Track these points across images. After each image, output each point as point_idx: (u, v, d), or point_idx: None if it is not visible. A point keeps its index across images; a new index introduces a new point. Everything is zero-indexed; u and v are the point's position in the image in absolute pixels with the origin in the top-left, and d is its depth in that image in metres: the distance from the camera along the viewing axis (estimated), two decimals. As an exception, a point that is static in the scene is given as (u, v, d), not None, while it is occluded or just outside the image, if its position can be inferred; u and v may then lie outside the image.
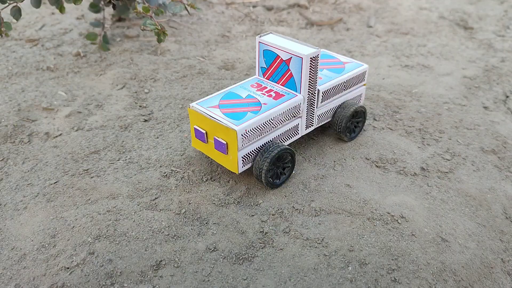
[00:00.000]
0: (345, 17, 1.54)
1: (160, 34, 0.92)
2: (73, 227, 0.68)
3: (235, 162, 0.72)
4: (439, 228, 0.70)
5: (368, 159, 0.84)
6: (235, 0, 1.68)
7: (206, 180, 0.78)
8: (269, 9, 1.61)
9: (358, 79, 0.87)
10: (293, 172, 0.80)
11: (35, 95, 1.05)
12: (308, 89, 0.77)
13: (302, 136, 0.90)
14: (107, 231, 0.67)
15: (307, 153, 0.85)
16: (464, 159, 0.86)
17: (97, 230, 0.67)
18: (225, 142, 0.71)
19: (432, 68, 1.20)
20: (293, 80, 0.77)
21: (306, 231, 0.68)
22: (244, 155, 0.72)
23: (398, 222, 0.70)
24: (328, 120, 0.86)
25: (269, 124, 0.73)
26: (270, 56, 0.79)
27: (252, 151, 0.73)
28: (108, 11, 1.47)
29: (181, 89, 1.07)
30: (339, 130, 0.85)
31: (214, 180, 0.78)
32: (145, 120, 0.95)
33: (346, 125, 0.84)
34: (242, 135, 0.70)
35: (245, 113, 0.73)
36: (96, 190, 0.75)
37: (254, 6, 1.63)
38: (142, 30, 0.92)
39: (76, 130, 0.92)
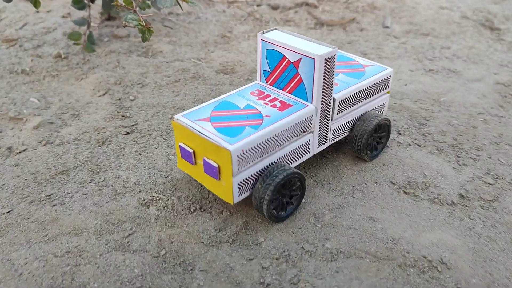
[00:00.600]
0: (358, 16, 1.39)
1: (145, 32, 0.78)
2: (21, 274, 0.53)
3: (229, 190, 0.57)
4: (490, 278, 0.55)
5: (394, 184, 0.69)
6: (237, -2, 1.54)
7: (195, 210, 0.63)
8: (275, 8, 1.46)
9: (381, 86, 0.72)
10: (303, 200, 0.65)
11: (2, 102, 0.90)
12: (322, 97, 0.62)
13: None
14: (62, 281, 0.52)
15: (320, 176, 0.70)
16: (509, 183, 0.70)
17: (50, 280, 0.52)
18: (217, 165, 0.56)
19: (460, 73, 1.04)
20: (303, 87, 0.62)
21: (320, 282, 0.53)
22: (240, 181, 0.57)
23: (438, 270, 0.55)
24: (345, 135, 0.71)
25: (272, 142, 0.58)
26: (275, 57, 0.64)
27: (251, 175, 0.58)
28: (96, 8, 1.33)
29: (172, 96, 0.92)
30: (359, 147, 0.70)
31: (204, 210, 0.63)
32: (127, 133, 0.81)
33: (367, 141, 0.69)
34: (238, 156, 0.55)
35: (242, 128, 0.58)
36: (57, 223, 0.61)
37: (258, 5, 1.49)
38: (123, 26, 0.78)
39: (44, 145, 0.77)
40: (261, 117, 0.60)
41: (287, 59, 0.63)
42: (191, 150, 0.59)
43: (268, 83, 0.67)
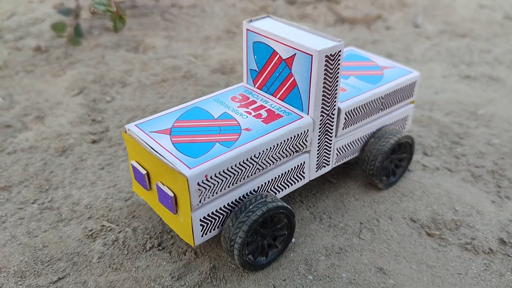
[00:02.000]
0: (384, 13, 1.23)
1: (116, 19, 0.64)
2: None
3: (189, 229, 0.42)
4: None
5: (414, 221, 0.53)
6: (251, -9, 1.39)
7: (151, 248, 0.48)
8: (292, 2, 1.31)
9: (403, 94, 0.56)
10: (292, 241, 0.50)
11: (-39, 99, 0.78)
12: (322, 107, 0.47)
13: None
14: None
15: (319, 207, 0.55)
16: None
17: None
18: (172, 194, 0.41)
19: (503, 81, 0.87)
20: (297, 92, 0.47)
21: None
22: (204, 217, 0.42)
23: None
24: (354, 156, 0.55)
25: (251, 165, 0.43)
26: (264, 53, 0.49)
27: (220, 209, 0.43)
28: (91, -2, 1.20)
29: (156, 98, 0.78)
30: (371, 171, 0.54)
31: (164, 248, 0.49)
32: (94, 141, 0.67)
33: (382, 164, 0.54)
34: (199, 184, 0.40)
35: (210, 145, 0.43)
36: (-28, 258, 0.47)
37: (274, 0, 1.34)
38: (91, 12, 0.64)
39: (-7, 152, 0.64)
40: (239, 131, 0.45)
41: (278, 55, 0.48)
42: (144, 172, 0.45)
43: (256, 86, 0.52)
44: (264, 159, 0.45)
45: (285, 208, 0.45)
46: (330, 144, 0.51)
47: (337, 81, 0.46)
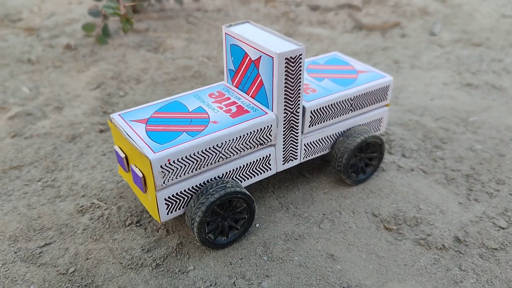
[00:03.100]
0: (404, 21, 1.25)
1: (123, 21, 0.71)
2: None
3: (155, 206, 0.48)
4: None
5: (375, 216, 0.57)
6: (277, -3, 1.45)
7: (130, 224, 0.55)
8: (315, 8, 1.36)
9: (375, 97, 0.60)
10: (257, 225, 0.55)
11: (-6, 89, 0.87)
12: (285, 105, 0.52)
13: (287, 171, 0.64)
14: None
15: (289, 198, 0.59)
16: (529, 229, 0.56)
17: None
18: (142, 175, 0.48)
19: (505, 90, 0.88)
20: (264, 91, 0.52)
21: (234, 332, 0.43)
22: (169, 197, 0.48)
23: (392, 335, 0.43)
24: (325, 152, 0.60)
25: (214, 153, 0.49)
26: (238, 54, 0.55)
27: (185, 191, 0.49)
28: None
29: (164, 94, 0.85)
30: (339, 168, 0.58)
31: (141, 225, 0.55)
32: (101, 131, 0.74)
33: (348, 161, 0.58)
34: (162, 166, 0.46)
35: (177, 134, 0.49)
36: (-22, 223, 0.55)
37: (297, 5, 1.39)
38: (103, 15, 0.71)
39: (13, 137, 0.73)
40: (207, 123, 0.51)
41: (248, 57, 0.53)
42: (123, 155, 0.51)
43: (234, 84, 0.58)
44: (227, 149, 0.50)
45: (243, 194, 0.50)
46: (297, 140, 0.55)
47: (299, 81, 0.51)
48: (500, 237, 0.54)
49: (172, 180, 0.48)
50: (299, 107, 0.53)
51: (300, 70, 0.51)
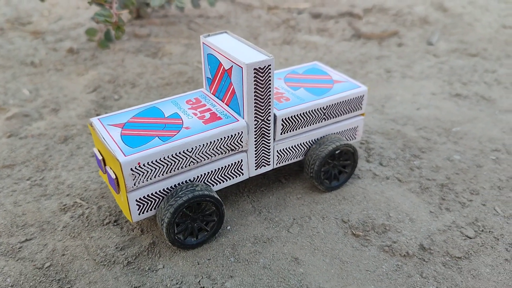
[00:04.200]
0: (403, 30, 1.26)
1: (115, 29, 0.74)
2: None
3: (127, 206, 0.51)
4: None
5: (344, 222, 0.58)
6: (280, 4, 1.47)
7: (107, 223, 0.57)
8: (316, 16, 1.38)
9: (349, 106, 0.62)
10: (228, 228, 0.57)
11: (-4, 91, 0.91)
12: (256, 113, 0.54)
13: (264, 176, 0.67)
14: None
15: (262, 202, 0.61)
16: (496, 239, 0.57)
17: None
18: (115, 176, 0.50)
19: (493, 101, 0.89)
20: (236, 99, 0.55)
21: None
22: (140, 198, 0.51)
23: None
24: (299, 159, 0.62)
25: (184, 158, 0.51)
26: (214, 63, 0.57)
27: (156, 193, 0.52)
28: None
29: (157, 99, 0.88)
30: (311, 174, 0.60)
31: (118, 224, 0.57)
32: (93, 133, 0.77)
33: (320, 168, 0.60)
34: (132, 169, 0.48)
35: (150, 138, 0.51)
36: (-35, 218, 0.58)
37: (299, 13, 1.41)
38: (96, 22, 0.75)
39: (9, 137, 0.76)
40: (179, 129, 0.53)
41: (222, 66, 0.55)
42: (100, 157, 0.54)
43: (211, 92, 0.60)
44: (198, 154, 0.52)
45: (211, 197, 0.52)
46: (269, 146, 0.57)
47: (269, 90, 0.53)
48: (465, 247, 0.56)
49: (143, 182, 0.50)
50: (270, 115, 0.55)
51: (270, 80, 0.53)
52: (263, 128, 0.56)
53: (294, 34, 1.23)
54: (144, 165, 0.49)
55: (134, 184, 0.49)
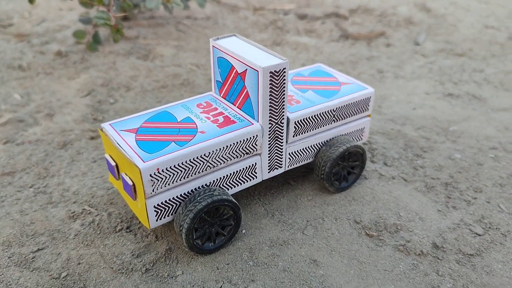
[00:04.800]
0: (389, 31, 1.28)
1: (114, 32, 0.73)
2: None
3: (144, 213, 0.50)
4: None
5: (357, 223, 0.59)
6: (265, 5, 1.47)
7: (120, 230, 0.56)
8: (302, 17, 1.38)
9: (357, 108, 0.63)
10: (243, 232, 0.57)
11: (-14, 96, 0.89)
12: (270, 116, 0.54)
13: (273, 178, 0.67)
14: None
15: (274, 205, 0.61)
16: (504, 235, 0.59)
17: None
18: (132, 183, 0.49)
19: (485, 100, 0.91)
20: (249, 102, 0.54)
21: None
22: (158, 204, 0.50)
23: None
24: (309, 161, 0.62)
25: (201, 162, 0.51)
26: (225, 67, 0.57)
27: (173, 199, 0.51)
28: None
29: (154, 102, 0.87)
30: (322, 176, 0.61)
31: (131, 231, 0.56)
32: (92, 138, 0.76)
33: (331, 170, 0.60)
34: (151, 175, 0.48)
35: (166, 144, 0.51)
36: (-29, 229, 0.56)
37: (285, 14, 1.41)
38: (93, 25, 0.73)
39: (5, 143, 0.74)
40: (194, 133, 0.53)
41: (235, 70, 0.55)
42: (113, 163, 0.53)
43: (221, 95, 0.60)
44: (215, 158, 0.52)
45: (230, 202, 0.52)
46: (282, 149, 0.57)
47: (283, 94, 0.53)
48: (476, 244, 0.57)
49: (161, 188, 0.49)
50: (283, 118, 0.55)
51: (284, 83, 0.53)
52: (276, 131, 0.56)
53: (283, 35, 1.23)
54: (162, 170, 0.49)
55: (153, 190, 0.49)
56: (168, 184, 0.50)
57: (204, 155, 0.51)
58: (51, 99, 0.88)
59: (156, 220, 0.51)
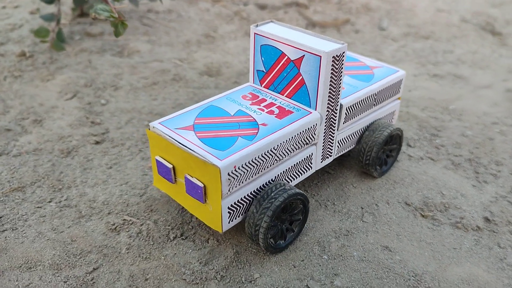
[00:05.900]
0: (352, 17, 1.30)
1: (118, 25, 0.67)
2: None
3: (218, 216, 0.46)
4: (535, 323, 0.45)
5: (409, 205, 0.59)
6: (222, -3, 1.43)
7: (174, 238, 0.52)
8: (262, 7, 1.37)
9: (392, 91, 0.62)
10: (305, 226, 0.54)
11: (-47, 105, 0.78)
12: (328, 103, 0.52)
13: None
14: (2, 335, 0.41)
15: (323, 196, 0.60)
16: (538, 203, 0.61)
17: (-14, 334, 0.41)
18: (202, 185, 0.45)
19: (467, 79, 0.95)
20: (305, 90, 0.52)
21: (332, 334, 0.42)
22: (231, 205, 0.46)
23: (474, 315, 0.45)
24: (351, 147, 0.61)
25: (270, 156, 0.48)
26: (272, 55, 0.54)
27: (245, 197, 0.48)
28: (68, 4, 1.21)
29: (149, 100, 0.81)
30: (368, 161, 0.60)
31: (186, 238, 0.52)
32: (97, 142, 0.69)
33: (377, 155, 0.59)
34: (229, 174, 0.44)
35: (233, 139, 0.47)
36: (6, 254, 0.49)
37: (245, 4, 1.39)
38: (93, 18, 0.67)
39: (-2, 156, 0.66)
40: (257, 126, 0.49)
41: (286, 57, 0.52)
42: (170, 166, 0.48)
43: (263, 85, 0.57)
44: (281, 151, 0.49)
45: (301, 195, 0.49)
46: (333, 137, 0.56)
47: (341, 79, 0.52)
48: (519, 214, 0.59)
49: (236, 187, 0.46)
50: (338, 105, 0.53)
51: (342, 68, 0.51)
52: (331, 119, 0.54)
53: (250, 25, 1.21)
54: (239, 168, 0.45)
55: (229, 190, 0.45)
56: (242, 182, 0.46)
57: (274, 148, 0.48)
58: (32, 103, 0.79)
59: (228, 222, 0.47)
